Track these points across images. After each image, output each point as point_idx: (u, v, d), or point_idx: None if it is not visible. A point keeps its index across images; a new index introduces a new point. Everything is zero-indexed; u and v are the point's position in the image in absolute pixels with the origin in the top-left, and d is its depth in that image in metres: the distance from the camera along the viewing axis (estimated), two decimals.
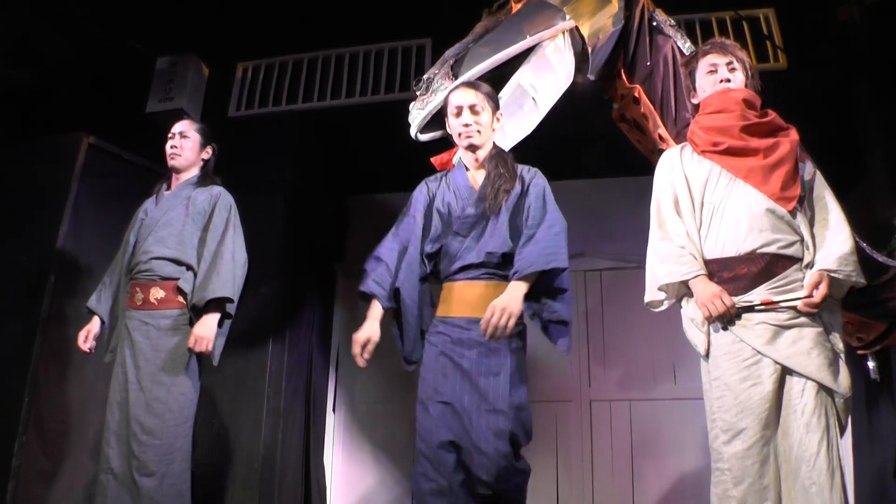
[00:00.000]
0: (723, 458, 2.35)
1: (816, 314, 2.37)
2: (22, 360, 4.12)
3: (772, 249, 2.39)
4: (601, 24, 2.95)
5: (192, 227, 3.32)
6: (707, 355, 2.47)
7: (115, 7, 4.73)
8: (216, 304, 3.21)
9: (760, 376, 2.33)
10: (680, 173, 2.61)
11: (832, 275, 2.34)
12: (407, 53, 5.02)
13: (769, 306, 2.35)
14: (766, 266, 2.39)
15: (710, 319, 2.42)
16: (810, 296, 2.33)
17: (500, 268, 2.72)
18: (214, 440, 4.88)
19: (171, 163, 3.46)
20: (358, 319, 5.50)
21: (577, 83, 2.97)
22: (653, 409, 5.23)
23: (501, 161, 2.83)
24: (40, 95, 4.94)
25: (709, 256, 2.48)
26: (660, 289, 2.56)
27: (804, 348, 2.32)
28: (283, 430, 4.87)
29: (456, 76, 2.77)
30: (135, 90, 4.91)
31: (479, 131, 2.76)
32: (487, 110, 2.77)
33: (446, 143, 2.97)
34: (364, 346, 2.67)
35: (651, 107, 3.02)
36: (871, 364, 3.69)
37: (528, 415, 2.64)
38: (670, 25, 3.10)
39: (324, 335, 5.57)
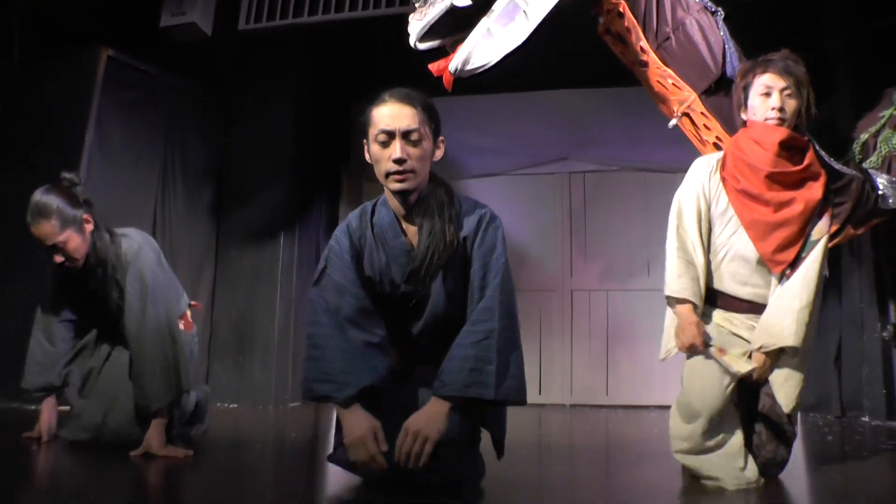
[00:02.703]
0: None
1: None
2: None
3: (759, 300, 2.30)
4: None
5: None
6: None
7: None
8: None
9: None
10: (704, 197, 2.35)
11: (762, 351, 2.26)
12: None
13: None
14: (754, 307, 2.31)
15: (681, 348, 2.37)
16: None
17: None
18: (234, 325, 4.92)
19: (71, 267, 2.71)
20: None
21: None
22: (627, 299, 5.26)
23: (439, 207, 1.94)
24: (61, 12, 4.73)
25: (713, 286, 2.36)
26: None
27: None
28: (294, 315, 4.93)
29: None
30: (149, 5, 4.67)
31: (414, 171, 1.87)
32: (427, 135, 1.91)
33: (444, 51, 2.81)
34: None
35: (634, 20, 2.90)
36: None
37: None
38: None
39: (330, 229, 5.50)
